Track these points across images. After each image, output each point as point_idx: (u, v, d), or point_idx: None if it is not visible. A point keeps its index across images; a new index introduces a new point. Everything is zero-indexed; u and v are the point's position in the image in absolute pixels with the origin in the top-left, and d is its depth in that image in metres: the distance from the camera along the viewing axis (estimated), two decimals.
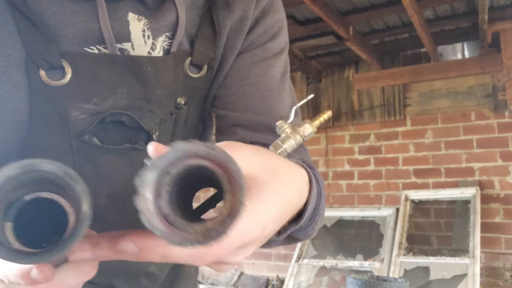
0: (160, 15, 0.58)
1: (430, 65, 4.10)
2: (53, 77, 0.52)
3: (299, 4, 3.11)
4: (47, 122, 0.53)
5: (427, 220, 3.99)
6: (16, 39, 0.51)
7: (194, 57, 0.61)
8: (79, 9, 0.53)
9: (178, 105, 0.61)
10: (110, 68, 0.55)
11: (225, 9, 0.63)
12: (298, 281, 3.92)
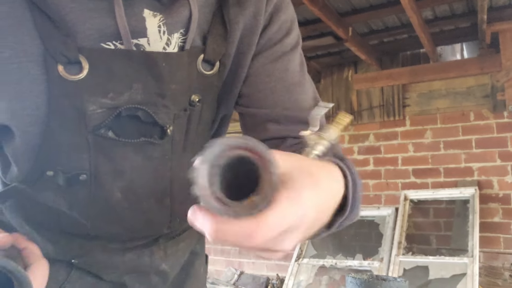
0: (175, 11, 0.58)
1: (429, 65, 4.11)
2: (71, 72, 0.53)
3: (298, 5, 3.12)
4: (64, 116, 0.54)
5: (426, 219, 4.00)
6: (34, 35, 0.52)
7: (206, 54, 0.62)
8: (96, 6, 0.54)
9: (192, 102, 0.62)
10: (126, 63, 0.56)
11: (237, 6, 0.63)
12: (298, 280, 3.93)
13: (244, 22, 0.65)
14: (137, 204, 0.59)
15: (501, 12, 3.47)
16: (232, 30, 0.64)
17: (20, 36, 0.52)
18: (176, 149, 0.62)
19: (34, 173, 0.58)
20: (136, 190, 0.59)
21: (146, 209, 0.61)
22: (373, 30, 3.89)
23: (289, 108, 0.66)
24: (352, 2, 3.35)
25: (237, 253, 4.92)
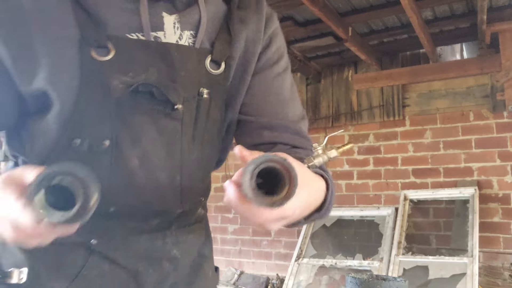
0: (187, 14, 0.72)
1: (429, 65, 4.11)
2: (100, 54, 0.65)
3: (298, 5, 3.12)
4: (92, 90, 0.65)
5: (426, 219, 4.01)
6: (74, 24, 0.65)
7: (214, 55, 0.74)
8: (125, 6, 0.68)
9: (200, 93, 0.72)
10: (144, 51, 0.68)
11: (240, 22, 0.77)
12: (298, 280, 3.94)
13: (247, 34, 0.78)
14: (152, 174, 0.68)
15: (501, 12, 3.47)
16: (236, 38, 0.76)
17: (62, 24, 0.65)
18: (186, 132, 0.71)
19: (63, 142, 0.65)
20: (151, 160, 0.68)
21: (160, 182, 0.69)
22: (373, 30, 3.89)
23: (282, 118, 0.80)
24: (352, 2, 3.35)
25: (237, 253, 4.93)
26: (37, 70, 0.64)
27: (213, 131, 0.76)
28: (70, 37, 0.65)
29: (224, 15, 0.77)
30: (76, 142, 0.65)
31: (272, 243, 4.74)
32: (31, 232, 0.50)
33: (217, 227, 5.09)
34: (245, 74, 0.78)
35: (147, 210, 0.71)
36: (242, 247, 4.91)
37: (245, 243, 4.86)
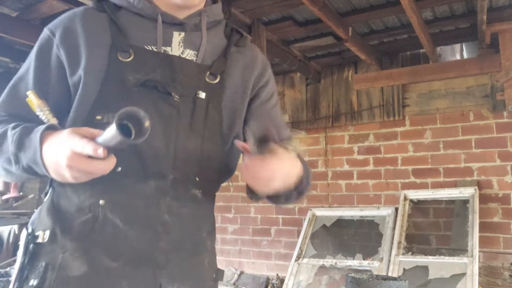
0: (191, 37, 0.99)
1: (429, 65, 4.11)
2: (123, 56, 0.91)
3: (298, 5, 3.13)
4: (113, 80, 0.90)
5: (426, 219, 4.01)
6: (108, 34, 0.93)
7: (212, 69, 0.98)
8: (147, 26, 0.96)
9: (197, 93, 0.95)
10: (155, 58, 0.94)
11: (236, 52, 1.04)
12: (298, 280, 3.94)
13: (243, 61, 1.05)
14: (150, 142, 0.86)
15: (501, 12, 3.47)
16: (231, 60, 1.02)
17: (100, 34, 0.93)
18: (182, 119, 0.92)
19: (89, 118, 0.88)
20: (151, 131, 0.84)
21: (156, 149, 0.89)
22: (373, 30, 3.89)
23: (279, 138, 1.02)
24: (352, 2, 3.35)
25: (237, 253, 4.93)
26: (80, 63, 0.91)
27: (213, 130, 0.96)
28: (104, 42, 0.92)
29: (225, 47, 1.03)
30: (98, 117, 0.87)
31: (272, 243, 4.74)
32: (88, 159, 0.74)
33: (217, 227, 5.08)
34: (245, 94, 1.03)
35: (145, 171, 0.89)
36: (242, 247, 4.91)
37: (245, 243, 4.87)
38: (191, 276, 0.93)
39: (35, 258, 0.85)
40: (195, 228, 0.96)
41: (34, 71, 0.94)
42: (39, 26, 3.57)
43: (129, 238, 0.87)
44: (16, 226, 4.37)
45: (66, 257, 0.84)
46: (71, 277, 0.83)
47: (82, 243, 0.85)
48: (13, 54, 4.12)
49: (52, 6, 3.24)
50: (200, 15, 0.99)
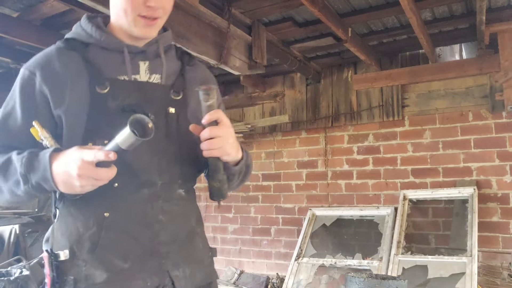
0: (154, 64, 1.16)
1: (428, 66, 4.13)
2: (101, 88, 1.06)
3: (298, 6, 3.14)
4: (97, 109, 1.04)
5: (425, 219, 4.03)
6: (85, 73, 1.07)
7: (174, 87, 1.16)
8: (115, 58, 1.11)
9: (167, 110, 1.12)
10: (128, 86, 1.10)
11: (190, 71, 1.24)
12: (298, 279, 3.95)
13: (197, 76, 1.24)
14: (137, 156, 1.04)
15: (500, 13, 3.48)
16: (187, 78, 1.21)
17: (77, 73, 1.07)
18: (159, 131, 1.05)
19: (82, 144, 0.99)
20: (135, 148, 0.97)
21: (142, 161, 1.06)
22: (373, 31, 3.90)
23: None
24: (352, 3, 3.36)
25: (237, 252, 4.95)
26: (63, 98, 1.05)
27: (186, 137, 1.12)
28: (82, 78, 1.06)
29: (180, 68, 1.22)
30: (90, 144, 1.01)
31: (272, 243, 4.76)
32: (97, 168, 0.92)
33: (217, 227, 5.11)
34: None
35: (138, 181, 1.06)
36: (242, 247, 4.93)
37: (245, 243, 4.88)
38: (191, 259, 1.13)
39: (63, 273, 1.01)
40: (185, 220, 1.15)
41: (21, 106, 1.06)
42: (39, 26, 3.58)
43: (133, 239, 1.04)
44: (17, 226, 4.37)
45: (88, 268, 1.01)
46: (97, 283, 1.00)
47: (97, 254, 1.01)
48: (13, 54, 4.12)
49: (53, 6, 3.25)
50: (157, 43, 1.16)
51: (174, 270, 1.08)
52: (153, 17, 1.10)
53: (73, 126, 1.04)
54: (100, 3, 2.42)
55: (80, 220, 1.03)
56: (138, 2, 1.06)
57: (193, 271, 1.12)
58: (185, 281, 1.09)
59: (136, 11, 1.07)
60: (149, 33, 1.12)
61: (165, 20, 1.16)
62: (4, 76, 4.77)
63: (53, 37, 3.68)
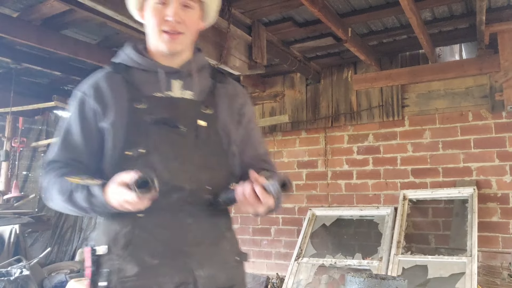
0: (187, 81, 1.27)
1: (428, 66, 4.13)
2: (138, 104, 1.20)
3: (298, 6, 3.14)
4: (135, 124, 1.18)
5: (425, 219, 4.03)
6: (125, 91, 1.22)
7: (205, 103, 1.26)
8: (152, 78, 1.25)
9: (198, 123, 1.22)
10: (162, 102, 1.22)
11: (221, 88, 1.33)
12: (298, 279, 3.96)
13: (227, 93, 1.33)
14: (167, 164, 1.17)
15: (500, 13, 3.49)
16: (218, 94, 1.31)
17: (119, 92, 1.22)
18: (189, 142, 1.20)
19: (121, 153, 1.16)
20: (165, 157, 1.17)
21: (172, 168, 1.17)
22: (373, 31, 3.90)
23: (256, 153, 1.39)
24: (352, 3, 3.36)
25: None
26: (108, 114, 1.20)
27: (215, 148, 1.24)
28: (124, 97, 1.21)
29: (211, 85, 1.32)
30: (128, 153, 1.16)
31: (272, 243, 4.76)
32: (133, 202, 1.03)
33: None
34: (233, 119, 1.31)
35: (167, 186, 1.14)
36: (242, 247, 4.91)
37: (245, 243, 4.88)
38: (215, 260, 1.21)
39: (100, 266, 1.15)
40: (213, 224, 1.23)
41: (77, 123, 1.24)
42: (39, 26, 3.58)
43: (163, 239, 1.15)
44: (17, 226, 4.37)
45: (121, 263, 1.13)
46: (128, 276, 1.12)
47: (130, 250, 1.14)
48: (13, 54, 4.13)
49: (53, 6, 3.25)
50: (190, 63, 1.29)
51: (198, 269, 1.16)
52: (175, 32, 1.21)
53: (115, 137, 1.18)
54: (100, 3, 2.42)
55: (118, 220, 1.17)
56: (160, 18, 1.21)
57: (217, 272, 1.20)
58: (207, 280, 1.17)
59: (159, 26, 1.21)
60: (173, 48, 1.24)
61: (191, 37, 1.27)
62: (4, 76, 4.77)
63: (53, 37, 3.69)
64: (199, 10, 1.27)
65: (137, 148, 1.16)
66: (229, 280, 1.23)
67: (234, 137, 1.30)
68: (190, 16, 1.23)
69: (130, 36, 3.80)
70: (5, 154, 5.04)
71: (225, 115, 1.28)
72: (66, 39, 3.79)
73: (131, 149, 1.16)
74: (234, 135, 1.31)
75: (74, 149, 1.23)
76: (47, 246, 5.52)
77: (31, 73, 4.82)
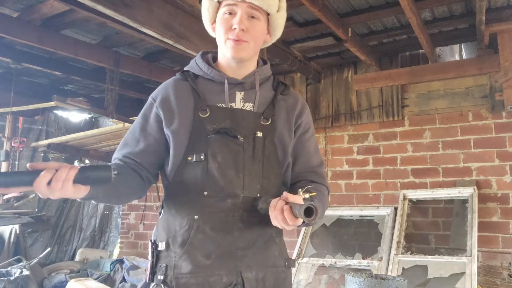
0: (248, 94, 1.33)
1: (428, 66, 4.13)
2: (202, 113, 1.27)
3: (298, 6, 3.14)
4: (197, 130, 1.25)
5: (425, 219, 4.03)
6: (191, 99, 1.29)
7: (264, 114, 1.32)
8: (217, 88, 1.32)
9: (256, 133, 1.28)
10: (224, 112, 1.28)
11: (282, 100, 1.37)
12: (298, 279, 3.96)
13: (286, 105, 1.37)
14: (224, 172, 1.23)
15: (500, 13, 3.49)
16: (278, 106, 1.35)
17: (187, 101, 1.29)
18: (246, 152, 1.26)
19: (183, 159, 1.25)
20: (223, 164, 1.23)
21: (228, 176, 1.23)
22: (373, 31, 3.91)
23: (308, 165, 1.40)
24: (352, 3, 3.37)
25: None
26: (173, 120, 1.27)
27: (271, 158, 1.29)
28: (189, 104, 1.28)
29: (273, 97, 1.37)
30: (190, 158, 1.24)
31: None
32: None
33: None
34: (290, 130, 1.35)
35: (223, 192, 1.23)
36: None
37: None
38: (264, 264, 1.27)
39: (158, 260, 1.25)
40: (263, 230, 1.29)
41: (139, 126, 1.32)
42: (39, 26, 3.58)
43: (216, 241, 1.22)
44: (17, 226, 4.37)
45: (177, 260, 1.22)
46: (183, 273, 1.20)
47: (186, 249, 1.22)
48: (14, 54, 4.13)
49: (53, 6, 3.26)
50: (254, 75, 1.35)
51: (247, 272, 1.23)
52: (239, 39, 1.26)
53: (178, 143, 1.26)
54: (100, 3, 2.42)
55: (177, 219, 1.25)
56: (227, 27, 1.27)
57: (265, 275, 1.26)
58: (255, 283, 1.24)
59: (226, 34, 1.28)
60: (237, 54, 1.28)
61: (254, 47, 1.31)
62: (4, 76, 4.77)
63: (53, 37, 3.69)
64: (265, 23, 1.33)
65: (198, 154, 1.24)
66: (276, 284, 1.28)
67: (289, 148, 1.35)
68: (255, 26, 1.28)
69: (130, 36, 3.81)
70: (5, 154, 5.04)
71: (283, 127, 1.33)
72: (66, 39, 3.79)
73: (191, 155, 1.24)
74: (290, 146, 1.35)
75: (131, 147, 1.30)
76: (47, 246, 5.53)
77: (31, 73, 4.82)
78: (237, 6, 1.26)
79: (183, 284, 1.20)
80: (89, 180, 1.01)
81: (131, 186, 1.27)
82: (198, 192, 1.22)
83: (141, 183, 1.29)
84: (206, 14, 1.35)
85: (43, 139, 5.57)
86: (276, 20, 1.36)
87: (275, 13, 1.33)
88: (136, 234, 5.85)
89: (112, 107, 4.20)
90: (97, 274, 4.67)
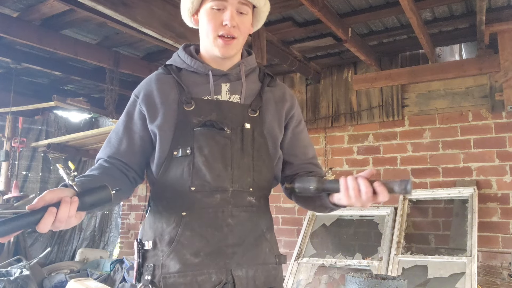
0: (234, 85, 1.30)
1: (428, 66, 4.13)
2: (187, 106, 1.23)
3: (298, 6, 3.14)
4: (183, 125, 1.21)
5: (425, 219, 4.03)
6: (175, 92, 1.26)
7: (252, 106, 1.28)
8: (201, 80, 1.28)
9: (244, 125, 1.24)
10: (210, 105, 1.25)
11: (268, 92, 1.34)
12: (298, 279, 3.95)
13: (274, 96, 1.34)
14: (211, 166, 1.19)
15: (500, 13, 3.49)
16: (265, 98, 1.31)
17: (171, 94, 1.25)
18: (234, 145, 1.22)
19: (169, 154, 1.20)
20: (210, 158, 1.19)
21: (216, 170, 1.19)
22: (373, 31, 3.90)
23: (304, 157, 1.38)
24: (352, 3, 3.37)
25: None
26: (157, 115, 1.24)
27: (261, 151, 1.26)
28: (173, 98, 1.25)
29: (260, 88, 1.33)
30: (175, 153, 1.20)
31: None
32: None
33: None
34: (280, 122, 1.32)
35: (211, 187, 1.19)
36: None
37: None
38: (254, 261, 1.23)
39: (145, 260, 1.22)
40: (254, 225, 1.25)
41: (123, 124, 1.29)
42: (39, 26, 3.58)
43: (204, 238, 1.18)
44: None
45: (165, 259, 1.18)
46: (170, 272, 1.17)
47: (173, 247, 1.18)
48: (13, 54, 4.13)
49: (53, 6, 3.25)
50: (239, 66, 1.32)
51: (237, 270, 1.20)
52: (230, 36, 1.25)
53: (163, 138, 1.22)
54: (100, 3, 2.42)
55: (164, 217, 1.22)
56: (216, 24, 1.24)
57: (256, 273, 1.23)
58: (246, 281, 1.20)
59: (215, 31, 1.24)
60: (227, 53, 1.26)
61: (242, 42, 1.30)
62: (4, 76, 4.77)
63: (53, 37, 3.69)
64: (251, 16, 1.31)
65: (184, 148, 1.20)
66: (268, 281, 1.26)
67: (280, 141, 1.33)
68: (244, 21, 1.27)
69: (130, 36, 3.81)
70: (5, 154, 5.04)
71: (272, 119, 1.30)
72: (66, 39, 3.79)
73: (177, 149, 1.20)
74: (281, 139, 1.33)
75: (115, 147, 1.26)
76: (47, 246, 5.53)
77: (31, 73, 4.82)
78: (227, 1, 1.23)
79: (171, 284, 1.16)
80: (90, 206, 0.98)
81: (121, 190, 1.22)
82: (185, 188, 1.18)
83: (128, 185, 1.25)
84: (189, 5, 1.29)
85: (43, 139, 5.57)
86: (262, 13, 1.35)
87: (262, 5, 1.31)
88: (136, 234, 5.85)
89: (112, 107, 4.20)
90: (97, 274, 4.67)
